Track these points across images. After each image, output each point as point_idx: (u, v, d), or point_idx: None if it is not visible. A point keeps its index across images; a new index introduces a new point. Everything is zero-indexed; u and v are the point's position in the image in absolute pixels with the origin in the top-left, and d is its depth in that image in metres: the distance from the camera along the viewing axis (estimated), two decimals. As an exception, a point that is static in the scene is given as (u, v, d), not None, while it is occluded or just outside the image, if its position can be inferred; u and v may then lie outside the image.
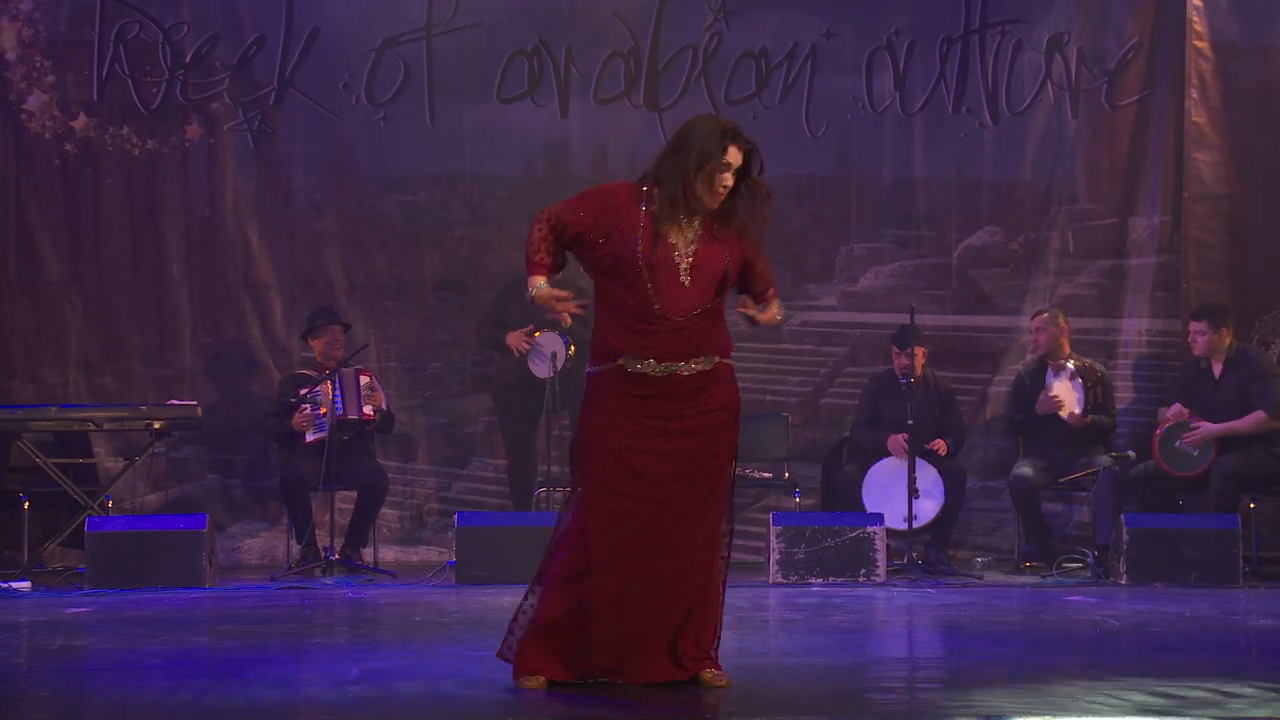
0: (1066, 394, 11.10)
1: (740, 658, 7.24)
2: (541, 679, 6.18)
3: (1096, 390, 11.12)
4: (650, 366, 6.18)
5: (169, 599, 9.52)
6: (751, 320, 6.36)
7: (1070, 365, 11.13)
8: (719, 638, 6.31)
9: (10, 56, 11.54)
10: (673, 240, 6.20)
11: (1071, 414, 11.04)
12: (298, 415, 10.84)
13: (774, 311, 6.39)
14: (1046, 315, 11.27)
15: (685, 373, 6.19)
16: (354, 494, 11.06)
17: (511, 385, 11.31)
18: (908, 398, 10.83)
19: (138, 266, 11.67)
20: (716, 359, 6.25)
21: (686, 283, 6.18)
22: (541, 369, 10.90)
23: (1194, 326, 10.96)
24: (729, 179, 6.25)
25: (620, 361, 6.20)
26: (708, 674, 6.23)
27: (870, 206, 11.95)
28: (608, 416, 6.22)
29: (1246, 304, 11.68)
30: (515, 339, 11.11)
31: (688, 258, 6.19)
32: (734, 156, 6.29)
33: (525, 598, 6.36)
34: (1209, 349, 10.88)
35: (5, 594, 9.81)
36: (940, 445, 11.01)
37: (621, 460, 6.17)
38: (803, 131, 11.88)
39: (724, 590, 6.37)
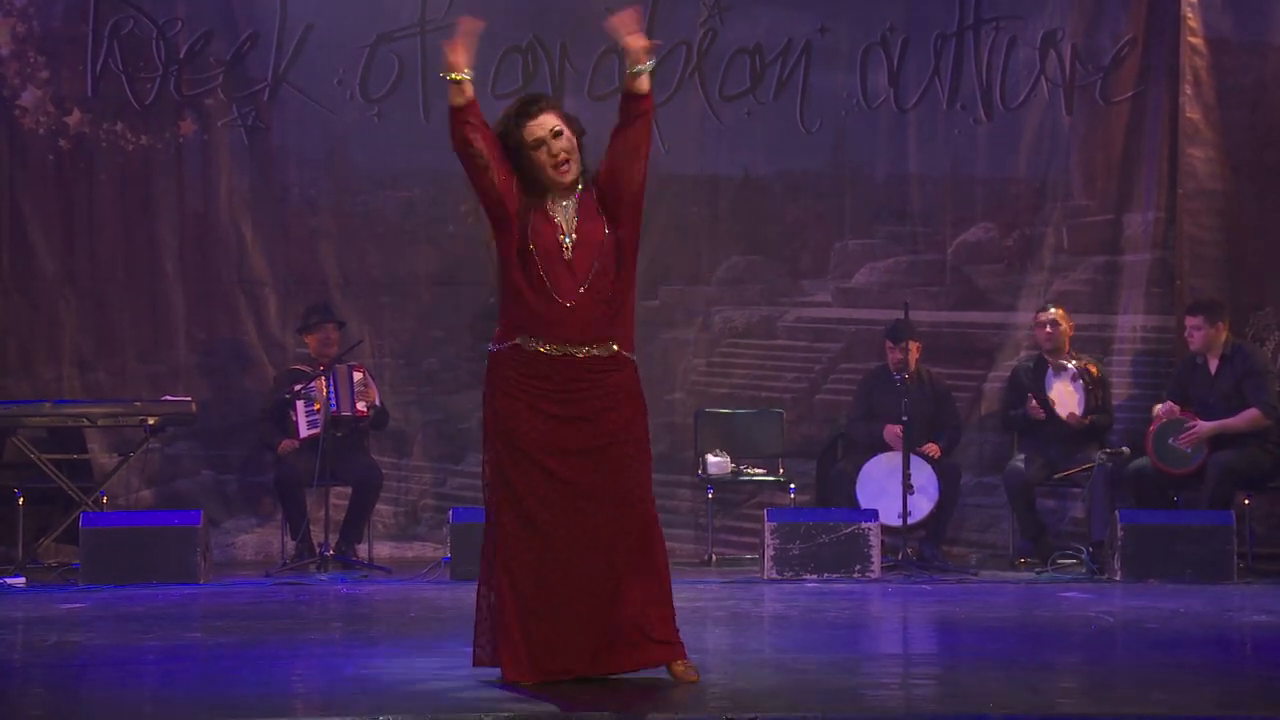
0: (1067, 395, 11.10)
1: (735, 654, 7.25)
2: (531, 681, 6.16)
3: (1097, 392, 11.12)
4: (546, 347, 6.14)
5: (164, 595, 9.52)
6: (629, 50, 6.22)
7: (1071, 366, 11.12)
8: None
9: (4, 52, 11.53)
10: (557, 220, 6.17)
11: (1071, 414, 11.04)
12: (284, 443, 10.91)
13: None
14: (1051, 313, 11.25)
15: (580, 355, 6.13)
16: (349, 490, 11.07)
17: (506, 381, 11.28)
18: (902, 393, 10.83)
19: (132, 262, 11.66)
20: (615, 348, 6.17)
21: (570, 259, 6.12)
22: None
23: (1190, 321, 10.95)
24: (556, 148, 6.15)
25: (517, 341, 6.17)
26: (678, 667, 6.20)
27: (864, 202, 11.95)
28: (506, 403, 6.17)
29: (1241, 300, 11.69)
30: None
31: (572, 234, 6.15)
32: (547, 122, 6.18)
33: (480, 598, 6.33)
34: (1205, 344, 10.88)
35: (0, 590, 9.81)
36: (933, 449, 11.00)
37: (522, 449, 6.14)
38: (797, 127, 11.87)
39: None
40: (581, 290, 6.12)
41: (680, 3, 11.84)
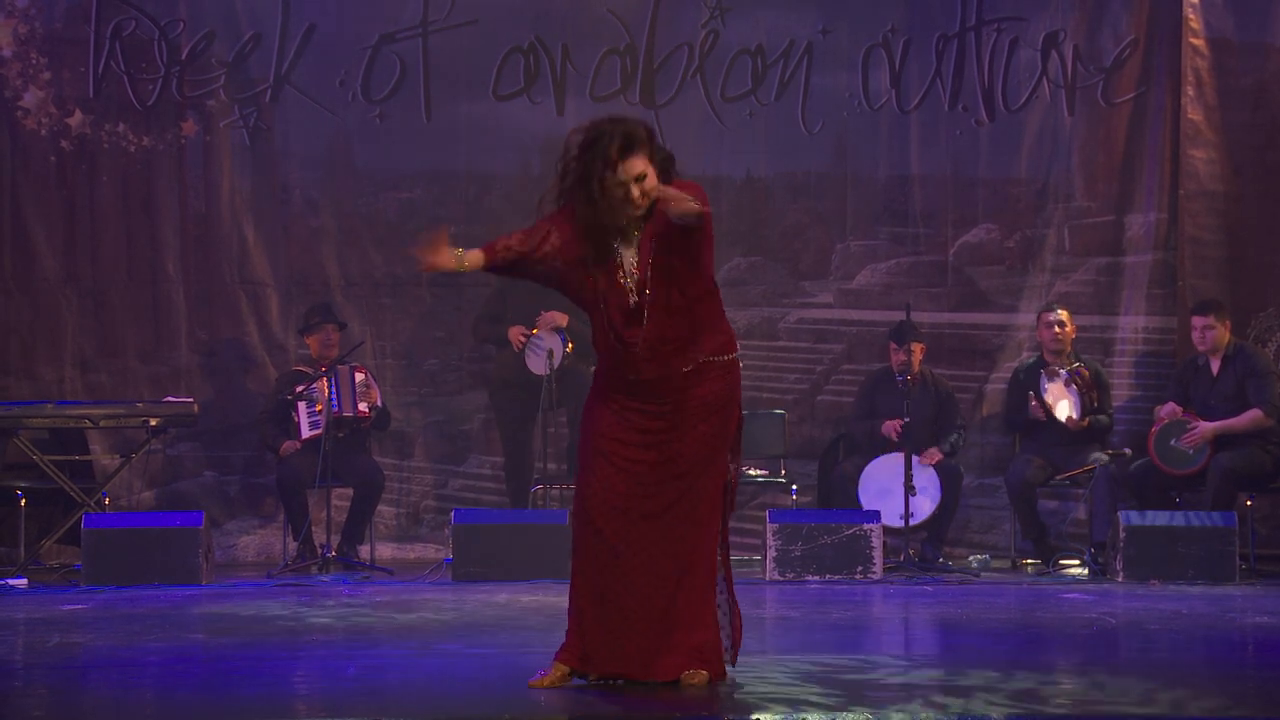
0: (1061, 397, 11.09)
1: (738, 655, 7.24)
2: (564, 669, 6.16)
3: (1092, 394, 11.11)
4: (630, 375, 6.13)
5: (165, 596, 9.52)
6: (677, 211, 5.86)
7: (1063, 371, 11.10)
8: (725, 646, 6.29)
9: (6, 53, 11.54)
10: (623, 259, 6.07)
11: (1069, 418, 11.03)
12: (286, 444, 10.92)
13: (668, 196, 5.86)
14: (1057, 313, 11.24)
15: (655, 379, 6.11)
16: (350, 491, 11.07)
17: (508, 382, 11.31)
18: (904, 395, 10.83)
19: (134, 263, 11.67)
20: (699, 360, 6.12)
21: (634, 304, 6.05)
22: (538, 366, 10.90)
23: (1199, 321, 10.91)
24: (635, 192, 5.96)
25: (608, 364, 6.19)
26: (684, 673, 6.21)
27: (866, 203, 11.96)
28: (597, 410, 6.20)
29: (1242, 301, 11.69)
30: (515, 334, 11.12)
31: (633, 275, 6.06)
32: (636, 166, 5.95)
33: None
34: (1217, 343, 10.85)
35: (2, 591, 9.81)
36: (934, 455, 10.99)
37: (602, 453, 6.14)
38: (799, 128, 11.88)
39: (721, 591, 6.31)
40: (643, 335, 6.06)
41: (682, 4, 11.86)
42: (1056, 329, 11.18)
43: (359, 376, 11.00)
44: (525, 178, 11.80)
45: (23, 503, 10.66)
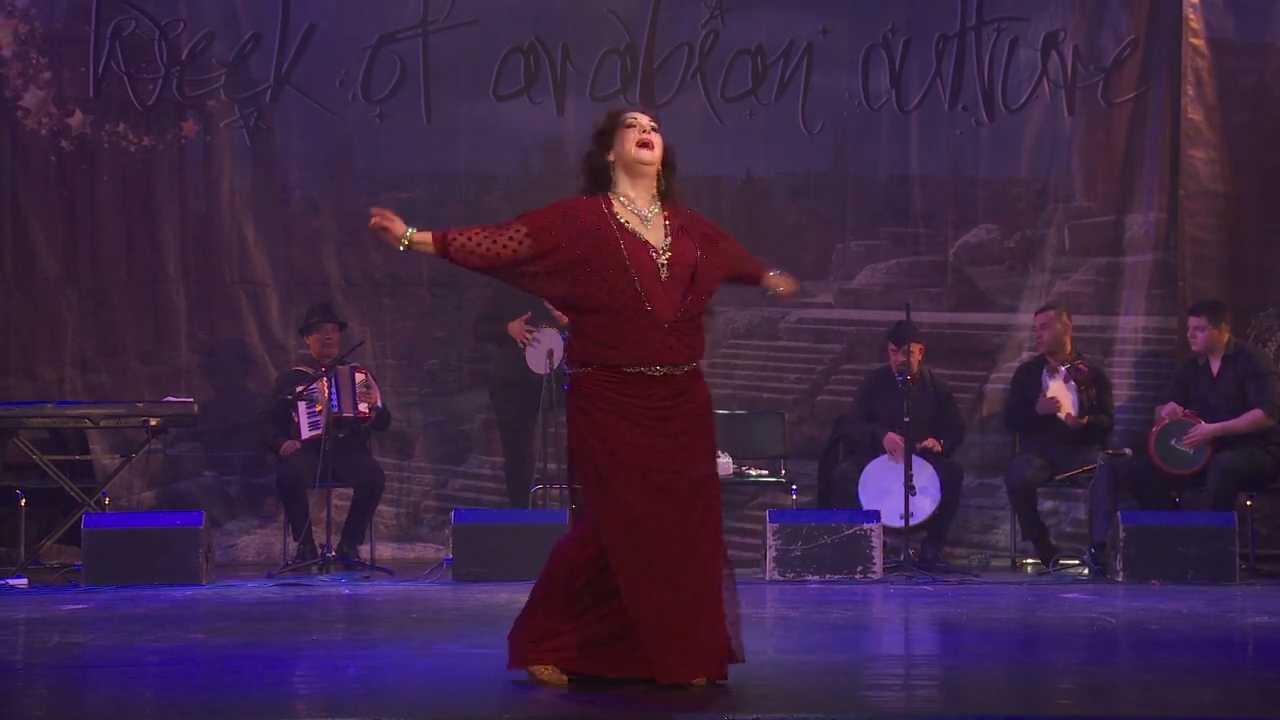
0: (1061, 395, 11.10)
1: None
2: (551, 668, 6.16)
3: (1091, 392, 11.10)
4: (647, 369, 6.15)
5: (166, 596, 9.52)
6: (779, 294, 6.63)
7: (1063, 367, 11.11)
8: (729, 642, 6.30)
9: (6, 53, 11.54)
10: (646, 238, 6.20)
11: (1068, 415, 11.04)
12: (286, 444, 10.91)
13: (784, 280, 6.64)
14: (1051, 313, 11.25)
15: (678, 373, 6.18)
16: (350, 491, 11.07)
17: (508, 382, 11.31)
18: (904, 395, 10.83)
19: (134, 263, 11.67)
20: (695, 363, 6.27)
21: (665, 277, 6.16)
22: (539, 365, 10.91)
23: (1193, 322, 10.94)
24: (645, 135, 6.26)
25: (610, 362, 6.16)
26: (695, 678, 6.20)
27: (866, 203, 11.96)
28: (602, 417, 6.16)
29: (1242, 301, 11.69)
30: (517, 328, 11.11)
31: (665, 254, 6.18)
32: (638, 118, 6.31)
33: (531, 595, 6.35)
34: (1208, 344, 10.86)
35: (2, 591, 9.82)
36: (933, 443, 11.01)
37: (623, 460, 6.11)
38: (799, 128, 11.88)
39: (727, 589, 6.31)
40: (679, 311, 6.16)
41: (682, 4, 11.86)
42: (1053, 329, 11.19)
43: (359, 377, 11.00)
44: (525, 178, 11.81)
45: (23, 503, 10.66)
